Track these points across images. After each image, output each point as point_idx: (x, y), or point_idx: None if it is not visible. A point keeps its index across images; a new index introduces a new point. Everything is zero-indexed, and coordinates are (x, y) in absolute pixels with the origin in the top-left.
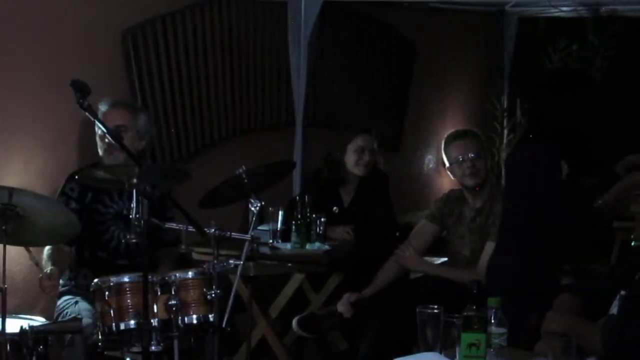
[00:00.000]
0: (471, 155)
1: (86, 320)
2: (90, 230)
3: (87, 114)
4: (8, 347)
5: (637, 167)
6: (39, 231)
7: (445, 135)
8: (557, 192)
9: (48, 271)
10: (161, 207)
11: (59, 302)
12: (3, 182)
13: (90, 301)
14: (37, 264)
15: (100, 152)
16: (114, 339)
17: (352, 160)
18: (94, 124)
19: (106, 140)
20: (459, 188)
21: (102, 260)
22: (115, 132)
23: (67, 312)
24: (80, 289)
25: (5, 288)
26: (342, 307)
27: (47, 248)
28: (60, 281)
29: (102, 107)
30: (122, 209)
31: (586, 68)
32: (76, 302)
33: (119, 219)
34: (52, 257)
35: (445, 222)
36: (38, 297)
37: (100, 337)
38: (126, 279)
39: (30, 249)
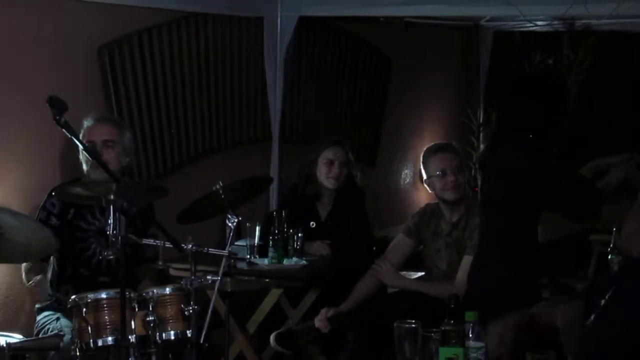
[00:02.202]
0: (453, 168)
1: (68, 337)
2: (72, 246)
3: (64, 130)
4: None
5: (602, 171)
6: (16, 248)
7: (425, 148)
8: (558, 179)
9: (38, 279)
10: (143, 223)
11: (38, 318)
12: None
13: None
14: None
15: (86, 168)
16: (92, 355)
17: (323, 173)
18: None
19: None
20: (435, 202)
21: (83, 277)
22: (92, 148)
23: (48, 329)
24: (61, 305)
25: None
26: (319, 322)
27: (24, 264)
28: (40, 297)
29: (88, 122)
30: (104, 226)
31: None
32: (57, 319)
33: (100, 235)
34: (32, 269)
35: (422, 236)
36: (17, 315)
37: (77, 353)
38: (103, 295)
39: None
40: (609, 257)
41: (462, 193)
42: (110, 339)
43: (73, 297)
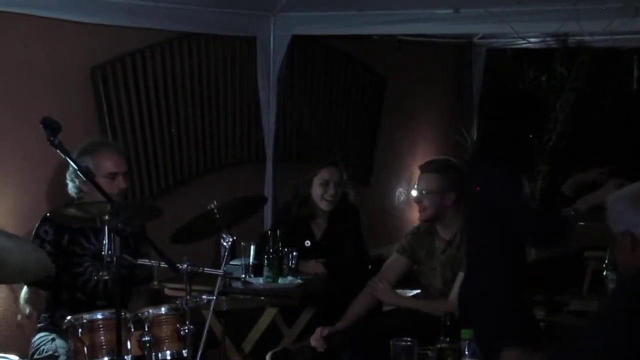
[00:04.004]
0: (421, 190)
1: (63, 358)
2: (67, 272)
3: (58, 151)
4: None
5: (584, 186)
6: (9, 269)
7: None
8: (526, 205)
9: (27, 313)
10: (136, 243)
11: (34, 339)
12: None
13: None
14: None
15: (78, 193)
16: None
17: (318, 194)
18: (67, 163)
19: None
20: None
21: (80, 301)
22: (89, 173)
23: (43, 349)
24: (56, 326)
25: None
26: (315, 341)
27: (23, 292)
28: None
29: (99, 150)
30: (100, 250)
31: (549, 95)
32: (53, 339)
33: (96, 259)
34: (30, 299)
35: (416, 255)
36: (13, 336)
37: None
38: (99, 316)
39: (13, 287)
40: (604, 273)
41: (428, 215)
42: (106, 359)
43: (68, 317)
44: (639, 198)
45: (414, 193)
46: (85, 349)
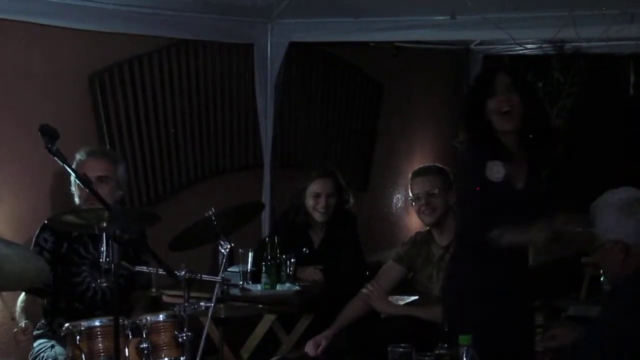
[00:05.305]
0: (426, 192)
1: None
2: (65, 281)
3: (55, 158)
4: None
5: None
6: (8, 276)
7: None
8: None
9: (23, 325)
10: (136, 253)
11: (34, 346)
12: None
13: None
14: (13, 318)
15: (78, 201)
16: None
17: (310, 205)
18: (66, 170)
19: (87, 191)
20: (426, 229)
21: (78, 310)
22: (87, 179)
23: (43, 356)
24: (55, 333)
25: None
26: (314, 353)
27: (20, 300)
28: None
29: (81, 156)
30: (98, 259)
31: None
32: (52, 346)
33: (94, 269)
34: (26, 310)
35: (413, 264)
36: (13, 342)
37: None
38: (97, 323)
39: (3, 294)
40: (601, 279)
41: (436, 217)
42: None
43: (66, 325)
44: (628, 207)
45: (415, 199)
46: (83, 356)
